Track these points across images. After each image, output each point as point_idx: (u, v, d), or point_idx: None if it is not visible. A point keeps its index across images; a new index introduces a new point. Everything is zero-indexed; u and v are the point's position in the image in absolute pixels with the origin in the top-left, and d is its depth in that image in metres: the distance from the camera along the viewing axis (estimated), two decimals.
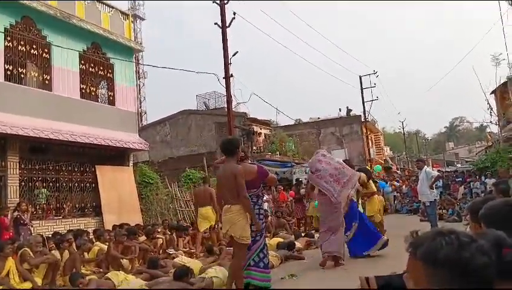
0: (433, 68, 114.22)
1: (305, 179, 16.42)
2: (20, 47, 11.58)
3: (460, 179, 20.12)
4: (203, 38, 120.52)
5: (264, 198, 9.63)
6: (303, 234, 10.93)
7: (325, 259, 6.95)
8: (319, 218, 8.03)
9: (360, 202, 9.07)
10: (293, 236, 10.41)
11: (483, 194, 14.35)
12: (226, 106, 15.57)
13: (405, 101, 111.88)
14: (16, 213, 9.80)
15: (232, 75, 14.38)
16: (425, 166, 10.37)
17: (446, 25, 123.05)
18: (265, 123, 26.38)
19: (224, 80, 14.33)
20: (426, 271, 1.15)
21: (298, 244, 9.09)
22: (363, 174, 8.90)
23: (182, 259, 7.90)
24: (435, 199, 10.12)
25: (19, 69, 11.60)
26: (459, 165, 35.16)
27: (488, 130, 29.71)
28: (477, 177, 18.11)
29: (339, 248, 6.95)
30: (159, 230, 9.96)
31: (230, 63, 14.34)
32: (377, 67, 78.47)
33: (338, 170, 7.14)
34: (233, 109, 16.04)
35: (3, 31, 11.03)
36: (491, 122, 23.63)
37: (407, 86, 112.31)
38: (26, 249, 6.98)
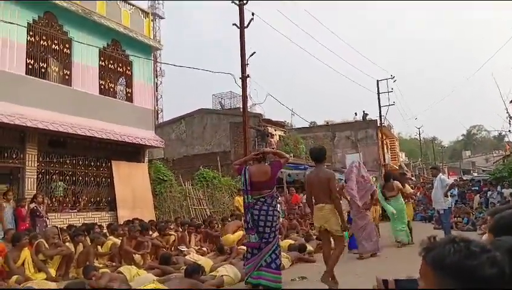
0: (433, 68, 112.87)
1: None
2: (42, 42, 11.78)
3: (477, 188, 19.84)
4: (209, 38, 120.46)
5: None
6: (315, 237, 10.87)
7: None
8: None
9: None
10: (303, 239, 10.38)
11: (499, 204, 14.09)
12: (241, 106, 15.59)
13: (408, 105, 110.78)
14: (32, 205, 9.97)
15: (248, 76, 14.39)
16: (440, 173, 10.26)
17: (446, 25, 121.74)
18: (280, 124, 26.31)
19: (240, 80, 14.37)
20: (434, 276, 1.17)
21: (309, 247, 9.08)
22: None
23: (193, 256, 7.98)
24: (449, 207, 10.00)
25: (40, 63, 11.79)
26: (475, 174, 34.60)
27: (506, 139, 29.20)
28: (494, 186, 17.82)
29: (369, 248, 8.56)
30: (172, 227, 10.01)
31: (248, 64, 14.35)
32: (381, 69, 77.84)
33: (359, 183, 8.78)
34: (249, 110, 16.06)
35: (26, 26, 11.26)
36: (509, 131, 23.23)
37: (406, 87, 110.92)
38: (41, 240, 7.12)
